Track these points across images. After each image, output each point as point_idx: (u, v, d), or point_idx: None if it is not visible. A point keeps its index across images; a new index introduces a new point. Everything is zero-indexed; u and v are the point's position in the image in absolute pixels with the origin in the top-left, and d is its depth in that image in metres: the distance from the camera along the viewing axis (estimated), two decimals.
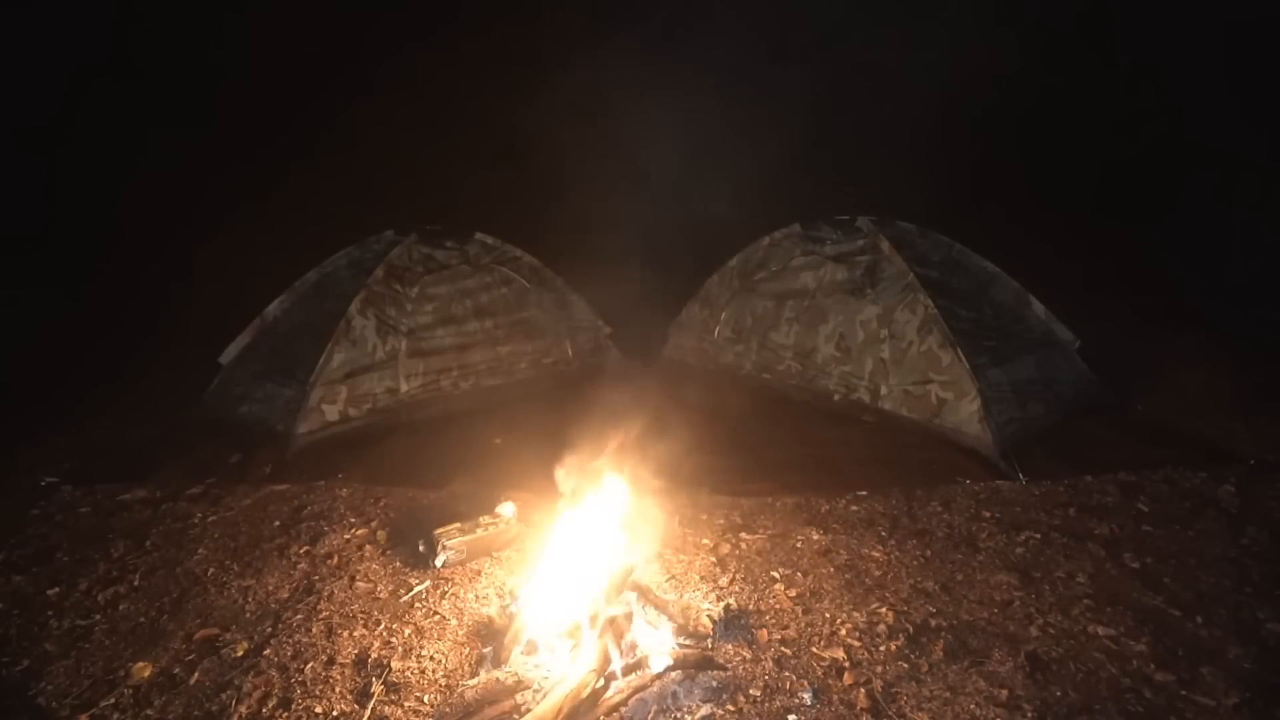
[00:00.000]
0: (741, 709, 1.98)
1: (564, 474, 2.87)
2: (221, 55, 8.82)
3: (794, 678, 2.10)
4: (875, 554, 2.85)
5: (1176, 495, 3.33)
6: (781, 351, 4.77)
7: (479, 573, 2.73)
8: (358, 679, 2.13)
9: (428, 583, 2.65)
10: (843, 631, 2.33)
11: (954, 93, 8.40)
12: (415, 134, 9.93)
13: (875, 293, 4.30)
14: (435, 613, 2.47)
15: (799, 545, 2.93)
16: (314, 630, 2.37)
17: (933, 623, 2.38)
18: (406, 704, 2.01)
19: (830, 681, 2.10)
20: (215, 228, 8.03)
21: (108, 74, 8.39)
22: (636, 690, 1.99)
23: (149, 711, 2.02)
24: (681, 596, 2.54)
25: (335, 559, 2.85)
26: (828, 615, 2.42)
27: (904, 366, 4.09)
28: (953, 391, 3.83)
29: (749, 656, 2.19)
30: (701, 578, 2.68)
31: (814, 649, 2.25)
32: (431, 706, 2.00)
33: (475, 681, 2.05)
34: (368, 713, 1.98)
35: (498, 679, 2.04)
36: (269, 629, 2.38)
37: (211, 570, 2.79)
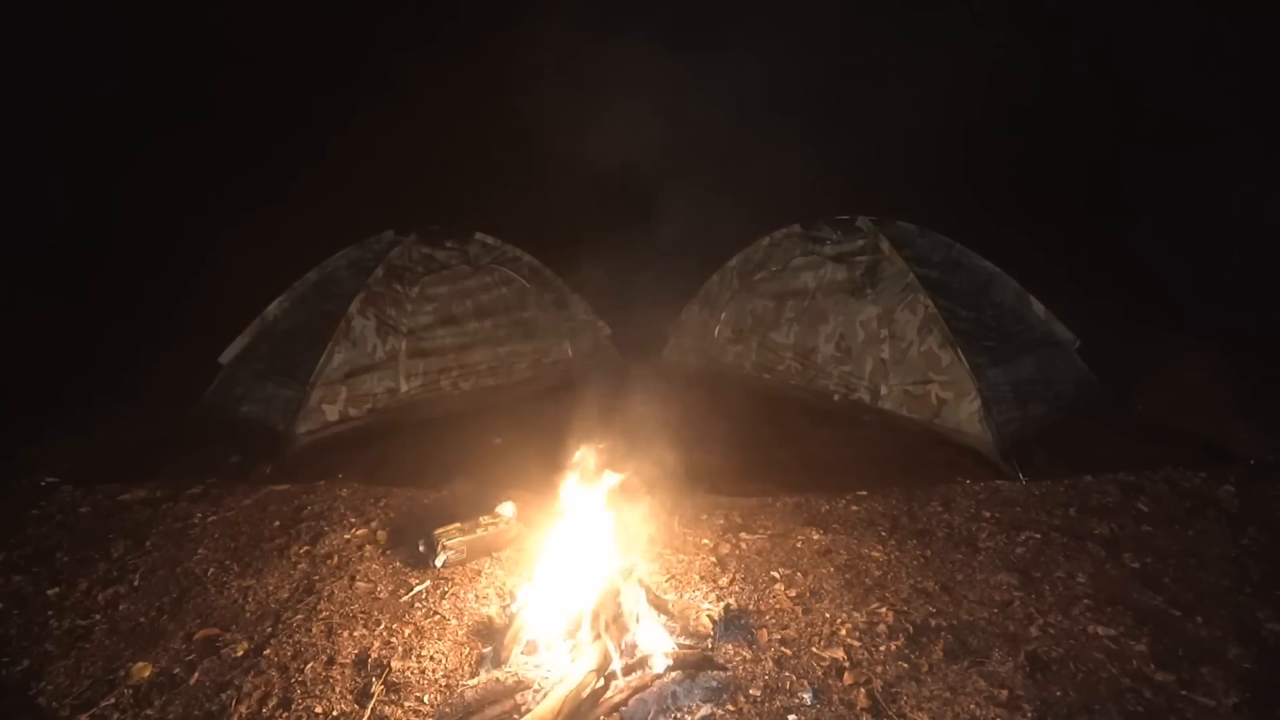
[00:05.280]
0: (741, 709, 1.97)
1: (563, 475, 2.86)
2: (225, 56, 8.83)
3: (794, 678, 2.10)
4: (875, 554, 2.85)
5: (1176, 495, 3.33)
6: (781, 351, 4.77)
7: (479, 573, 2.73)
8: (358, 679, 2.13)
9: (428, 583, 2.65)
10: (843, 631, 2.33)
11: (948, 93, 8.40)
12: (417, 135, 9.93)
13: (875, 293, 4.29)
14: (435, 613, 2.47)
15: (799, 545, 2.93)
16: (314, 630, 2.37)
17: (933, 623, 2.38)
18: (406, 704, 2.01)
19: (830, 681, 2.10)
20: (216, 228, 8.03)
21: (111, 75, 8.39)
22: (636, 690, 1.99)
23: (149, 711, 2.02)
24: (681, 596, 2.54)
25: (335, 559, 2.85)
26: (828, 615, 2.42)
27: (904, 366, 4.08)
28: (953, 391, 3.83)
29: (749, 656, 2.19)
30: (701, 578, 2.68)
31: (814, 649, 2.25)
32: (431, 706, 2.01)
33: (475, 681, 2.05)
34: (368, 713, 1.98)
35: (498, 679, 2.04)
36: (269, 629, 2.38)
37: (211, 570, 2.79)
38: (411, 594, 2.58)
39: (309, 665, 2.19)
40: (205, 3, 8.87)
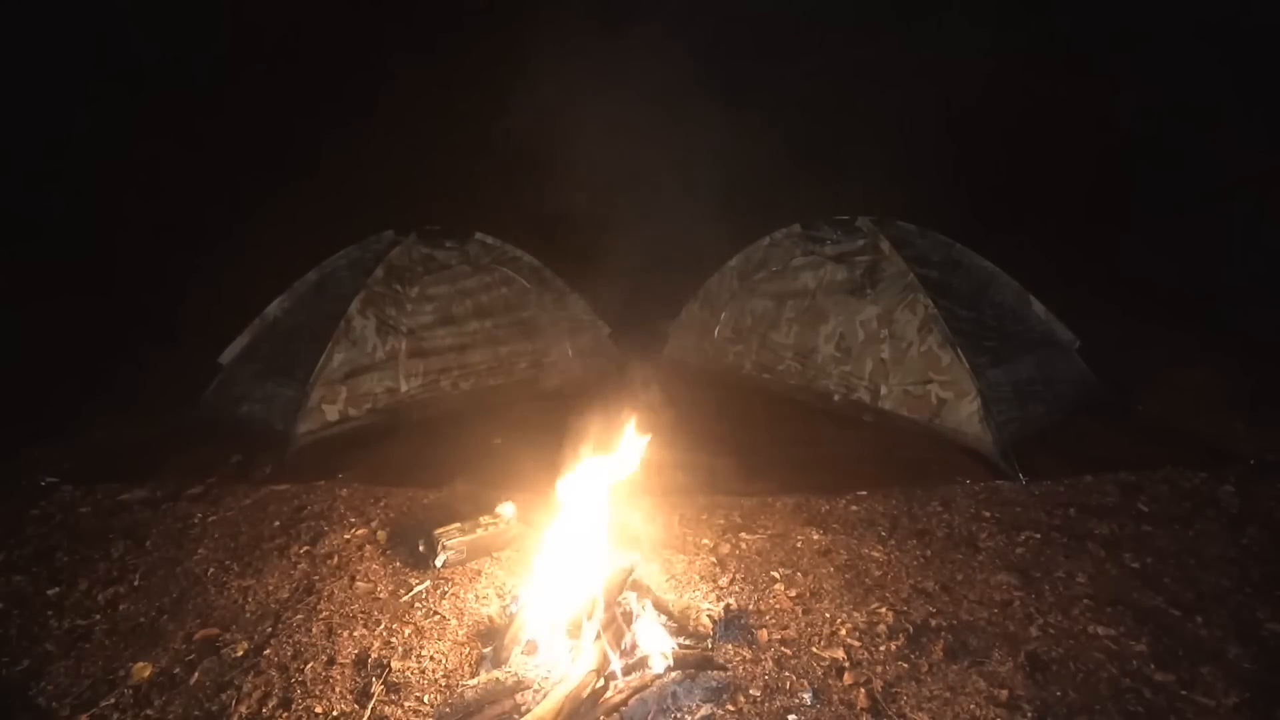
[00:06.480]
0: (741, 709, 1.98)
1: (563, 475, 2.86)
2: (224, 54, 8.83)
3: (794, 678, 2.10)
4: (875, 554, 2.85)
5: (1176, 495, 3.33)
6: (781, 351, 4.77)
7: (479, 573, 2.73)
8: (358, 679, 2.13)
9: (428, 583, 2.65)
10: (843, 631, 2.33)
11: (946, 93, 8.41)
12: (416, 133, 9.93)
13: (875, 293, 4.29)
14: (435, 613, 2.47)
15: (799, 545, 2.93)
16: (314, 630, 2.37)
17: (933, 623, 2.38)
18: (406, 704, 2.01)
19: (830, 681, 2.10)
20: (215, 227, 8.03)
21: (110, 71, 8.39)
22: (636, 690, 1.99)
23: (149, 711, 2.02)
24: (681, 596, 2.54)
25: (335, 559, 2.85)
26: (828, 615, 2.42)
27: (904, 366, 4.08)
28: (953, 391, 3.83)
29: (749, 656, 2.19)
30: (701, 578, 2.68)
31: (814, 649, 2.25)
32: (431, 706, 2.00)
33: (475, 681, 2.05)
34: (368, 713, 1.98)
35: (498, 679, 2.04)
36: (269, 629, 2.38)
37: (211, 570, 2.79)
38: (411, 594, 2.58)
39: (309, 665, 2.19)
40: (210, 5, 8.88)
